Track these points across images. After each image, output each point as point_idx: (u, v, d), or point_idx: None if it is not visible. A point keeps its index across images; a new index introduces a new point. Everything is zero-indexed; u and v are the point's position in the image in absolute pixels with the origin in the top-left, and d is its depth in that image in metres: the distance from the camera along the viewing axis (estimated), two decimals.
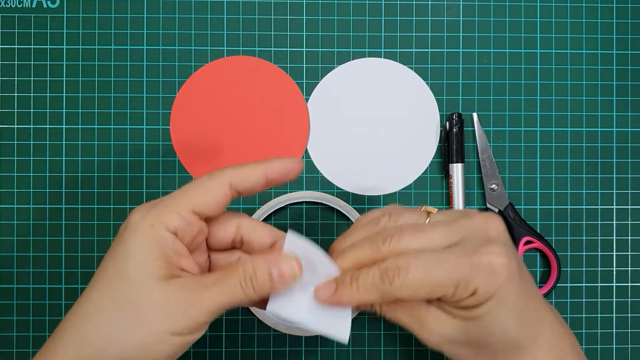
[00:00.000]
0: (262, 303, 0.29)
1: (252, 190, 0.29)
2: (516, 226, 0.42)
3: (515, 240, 0.42)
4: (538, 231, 0.43)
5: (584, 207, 0.44)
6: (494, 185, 0.42)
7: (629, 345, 0.43)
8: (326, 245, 0.43)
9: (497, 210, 0.42)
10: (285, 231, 0.30)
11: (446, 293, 0.26)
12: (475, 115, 0.43)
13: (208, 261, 0.32)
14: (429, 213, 0.30)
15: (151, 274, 0.26)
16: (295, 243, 0.29)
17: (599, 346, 0.43)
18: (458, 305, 0.27)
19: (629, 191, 0.44)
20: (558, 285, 0.43)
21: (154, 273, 0.26)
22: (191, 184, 0.28)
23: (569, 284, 0.43)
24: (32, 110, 0.43)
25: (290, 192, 0.43)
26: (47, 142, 0.43)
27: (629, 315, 0.43)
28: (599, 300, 0.43)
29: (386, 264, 0.27)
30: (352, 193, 0.43)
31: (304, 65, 0.43)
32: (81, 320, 0.27)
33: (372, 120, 0.43)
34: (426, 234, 0.28)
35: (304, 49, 0.43)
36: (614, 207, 0.44)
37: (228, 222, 0.31)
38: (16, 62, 0.43)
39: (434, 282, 0.26)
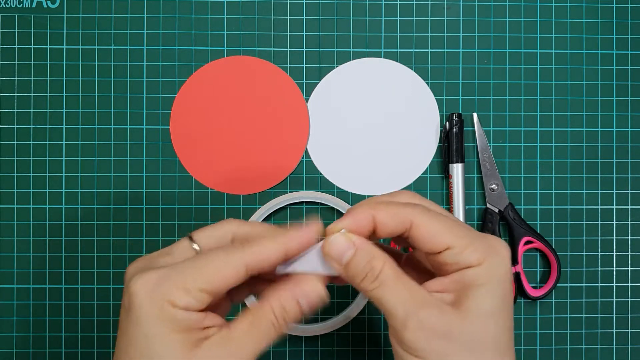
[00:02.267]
0: None
1: (268, 271, 0.27)
2: (516, 226, 0.42)
3: (515, 240, 0.42)
4: (538, 231, 0.43)
5: (584, 207, 0.44)
6: (494, 185, 0.42)
7: (629, 345, 0.43)
8: None
9: (497, 210, 0.42)
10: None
11: (455, 246, 0.26)
12: (475, 115, 0.43)
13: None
14: None
15: (180, 348, 0.25)
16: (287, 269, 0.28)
17: (599, 346, 0.43)
18: (459, 266, 0.26)
19: (629, 191, 0.44)
20: (558, 285, 0.43)
21: (182, 346, 0.25)
22: (204, 259, 0.26)
23: (569, 284, 0.43)
24: (32, 110, 0.43)
25: (290, 192, 0.43)
26: (47, 142, 0.43)
27: (629, 315, 0.43)
28: (599, 300, 0.43)
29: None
30: (352, 193, 0.43)
31: (304, 65, 0.43)
32: None
33: (372, 120, 0.43)
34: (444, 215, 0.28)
35: (304, 49, 0.43)
36: (614, 207, 0.44)
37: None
38: (16, 62, 0.43)
39: (449, 232, 0.26)
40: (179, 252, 0.28)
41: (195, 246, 0.28)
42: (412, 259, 0.31)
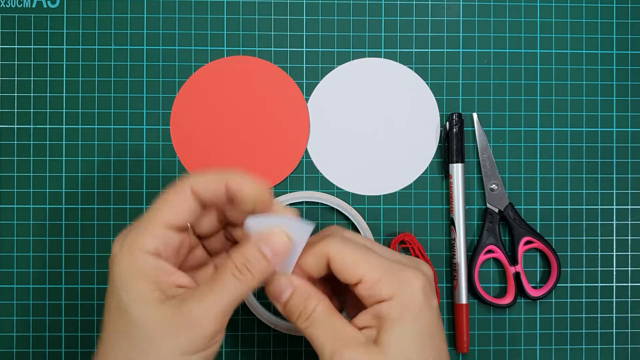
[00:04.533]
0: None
1: (214, 200, 0.28)
2: (516, 226, 0.42)
3: (515, 240, 0.42)
4: (538, 231, 0.43)
5: (584, 207, 0.44)
6: (494, 185, 0.42)
7: (629, 345, 0.43)
8: None
9: (497, 210, 0.42)
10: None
11: (366, 279, 0.27)
12: (475, 115, 0.43)
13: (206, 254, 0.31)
14: None
15: (146, 301, 0.26)
16: (258, 221, 0.28)
17: (599, 346, 0.43)
18: (374, 299, 0.27)
19: (629, 191, 0.44)
20: (558, 285, 0.43)
21: (149, 299, 0.26)
22: (159, 200, 0.28)
23: (569, 284, 0.43)
24: (32, 110, 0.43)
25: (290, 192, 0.43)
26: (47, 142, 0.43)
27: (629, 315, 0.43)
28: (599, 300, 0.43)
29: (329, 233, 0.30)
30: (352, 193, 0.43)
31: (304, 65, 0.43)
32: None
33: (372, 120, 0.43)
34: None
35: (304, 49, 0.43)
36: (614, 207, 0.44)
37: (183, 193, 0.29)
38: (16, 62, 0.43)
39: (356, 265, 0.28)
40: None
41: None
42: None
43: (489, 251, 0.42)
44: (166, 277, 0.27)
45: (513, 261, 0.42)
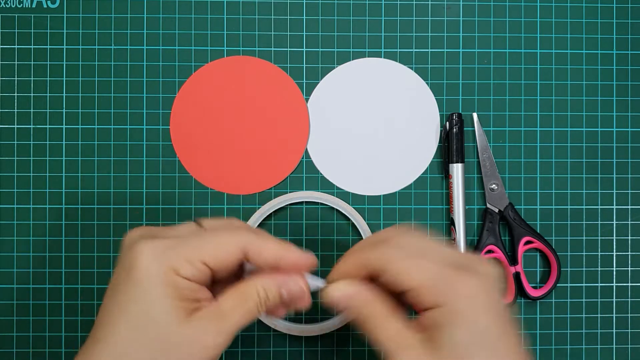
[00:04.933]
0: None
1: (259, 265, 0.29)
2: (516, 226, 0.42)
3: (515, 240, 0.42)
4: (538, 231, 0.43)
5: (584, 207, 0.44)
6: (494, 185, 0.42)
7: (629, 345, 0.43)
8: (325, 245, 0.43)
9: (497, 210, 0.42)
10: (288, 232, 0.30)
11: (412, 288, 0.27)
12: (475, 115, 0.43)
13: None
14: None
15: (177, 315, 0.27)
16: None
17: (599, 346, 0.43)
18: (423, 306, 0.27)
19: (629, 191, 0.44)
20: (558, 285, 0.43)
21: (178, 313, 0.27)
22: (208, 234, 0.29)
23: (569, 284, 0.43)
24: (32, 110, 0.43)
25: (290, 192, 0.43)
26: (47, 142, 0.43)
27: (629, 315, 0.43)
28: (599, 300, 0.43)
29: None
30: (352, 193, 0.43)
31: (304, 65, 0.43)
32: (104, 348, 0.27)
33: (372, 120, 0.43)
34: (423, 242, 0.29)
35: (304, 49, 0.43)
36: (614, 207, 0.44)
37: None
38: (16, 62, 0.43)
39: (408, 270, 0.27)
40: (183, 229, 0.30)
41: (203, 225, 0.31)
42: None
43: (489, 251, 0.42)
44: (193, 294, 0.28)
45: (513, 261, 0.42)
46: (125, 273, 0.27)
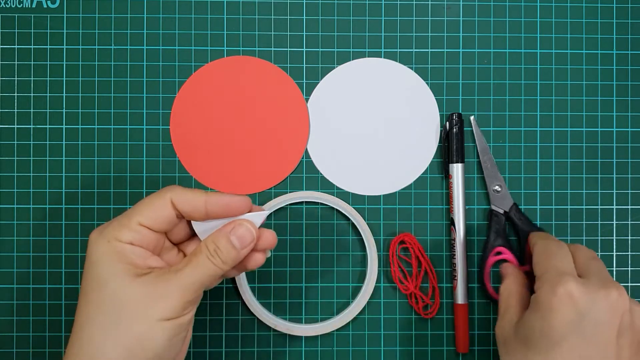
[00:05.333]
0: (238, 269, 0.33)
1: (191, 215, 0.31)
2: (522, 227, 0.42)
3: (522, 240, 0.42)
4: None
5: (584, 207, 0.44)
6: (497, 187, 0.42)
7: None
8: (324, 245, 0.43)
9: (502, 211, 0.42)
10: (288, 232, 0.31)
11: (535, 273, 0.35)
12: (472, 118, 0.43)
13: (182, 255, 0.34)
14: None
15: (124, 274, 0.29)
16: (203, 225, 0.32)
17: None
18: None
19: (629, 191, 0.44)
20: None
21: (126, 273, 0.29)
22: (140, 201, 0.31)
23: None
24: (32, 110, 0.43)
25: (290, 192, 0.43)
26: (47, 142, 0.43)
27: None
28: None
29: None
30: (352, 193, 0.43)
31: (304, 65, 0.43)
32: (77, 337, 0.29)
33: (372, 120, 0.43)
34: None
35: (304, 49, 0.43)
36: (614, 207, 0.44)
37: (162, 200, 0.32)
38: (16, 62, 0.43)
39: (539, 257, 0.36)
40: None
41: None
42: None
43: (498, 252, 0.41)
44: (142, 260, 0.30)
45: (522, 261, 0.42)
46: (85, 264, 0.30)
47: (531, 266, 0.36)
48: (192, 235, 0.34)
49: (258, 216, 0.32)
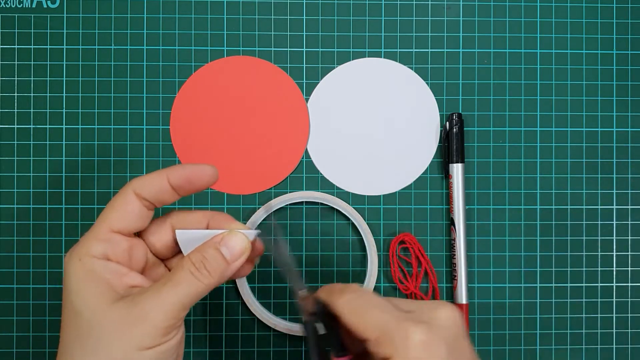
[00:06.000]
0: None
1: (160, 198, 0.28)
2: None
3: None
4: (538, 231, 0.43)
5: (584, 207, 0.44)
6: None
7: (629, 345, 0.43)
8: (324, 245, 0.43)
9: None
10: (292, 233, 0.30)
11: (368, 338, 0.26)
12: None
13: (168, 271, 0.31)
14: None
15: (98, 301, 0.26)
16: (186, 234, 0.29)
17: (599, 346, 0.43)
18: (379, 357, 0.26)
19: (629, 191, 0.44)
20: (558, 285, 0.43)
21: (100, 299, 0.26)
22: (107, 205, 0.28)
23: (569, 284, 0.43)
24: (32, 110, 0.43)
25: (290, 192, 0.43)
26: (47, 142, 0.43)
27: (629, 315, 0.43)
28: (599, 300, 0.43)
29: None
30: (352, 193, 0.43)
31: (304, 65, 0.43)
32: None
33: (372, 120, 0.43)
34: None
35: (304, 49, 0.43)
36: (614, 207, 0.44)
37: (162, 225, 0.30)
38: (16, 62, 0.43)
39: (361, 318, 0.27)
40: None
41: None
42: None
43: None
44: (118, 278, 0.27)
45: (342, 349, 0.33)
46: (62, 291, 0.27)
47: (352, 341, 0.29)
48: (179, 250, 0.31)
49: (249, 234, 0.29)
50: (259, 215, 0.42)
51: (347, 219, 0.42)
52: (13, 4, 0.43)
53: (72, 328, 0.26)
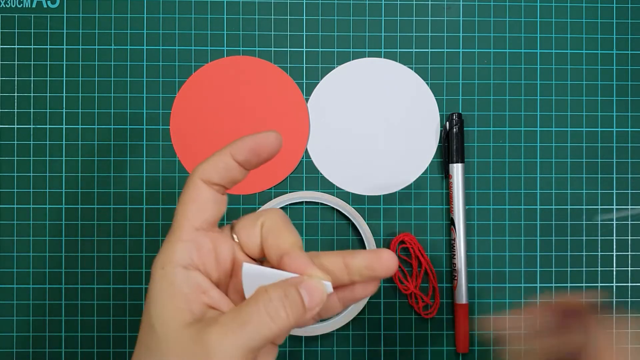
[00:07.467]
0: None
1: (229, 178, 0.26)
2: None
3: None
4: (538, 231, 0.43)
5: (584, 207, 0.44)
6: None
7: (629, 346, 0.43)
8: (324, 245, 0.43)
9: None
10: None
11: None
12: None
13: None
14: None
15: (172, 317, 0.24)
16: (255, 270, 0.25)
17: None
18: None
19: (629, 191, 0.44)
20: (558, 285, 0.43)
21: (175, 316, 0.24)
22: (178, 202, 0.26)
23: (569, 284, 0.43)
24: (32, 110, 0.43)
25: (290, 192, 0.43)
26: (47, 142, 0.43)
27: (629, 315, 0.43)
28: (599, 300, 0.43)
29: None
30: (352, 193, 0.43)
31: (304, 65, 0.43)
32: None
33: (372, 120, 0.43)
34: None
35: (304, 49, 0.43)
36: (614, 207, 0.44)
37: (253, 224, 0.27)
38: (16, 62, 0.43)
39: None
40: None
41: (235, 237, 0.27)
42: None
43: None
44: (197, 295, 0.25)
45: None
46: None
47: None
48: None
49: (327, 286, 0.25)
50: None
51: (347, 219, 0.42)
52: (13, 4, 0.43)
53: (145, 337, 0.25)
